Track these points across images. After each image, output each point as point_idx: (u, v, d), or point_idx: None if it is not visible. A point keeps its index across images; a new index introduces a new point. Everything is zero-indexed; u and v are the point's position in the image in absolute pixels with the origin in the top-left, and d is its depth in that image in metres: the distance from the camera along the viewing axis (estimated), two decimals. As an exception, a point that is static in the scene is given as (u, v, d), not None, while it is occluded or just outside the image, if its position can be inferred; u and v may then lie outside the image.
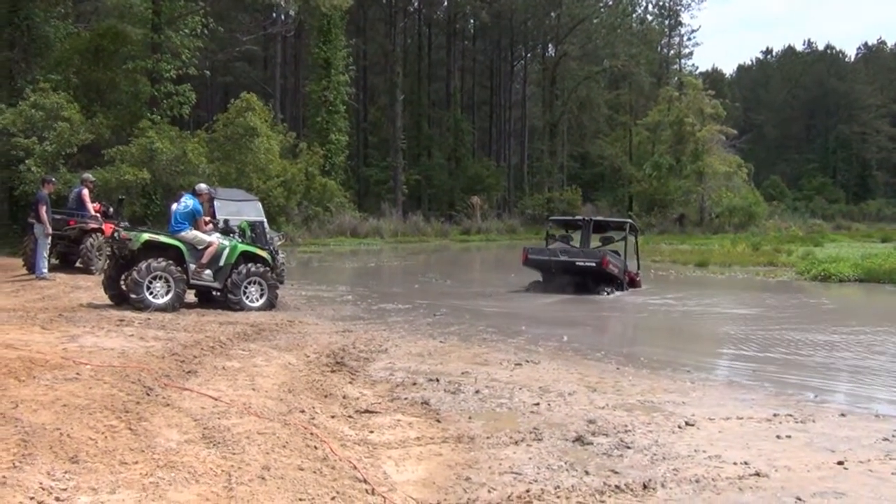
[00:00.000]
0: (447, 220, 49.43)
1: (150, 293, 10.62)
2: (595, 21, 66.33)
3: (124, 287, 10.92)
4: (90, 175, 18.13)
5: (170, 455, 4.36)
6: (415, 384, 6.98)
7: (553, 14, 65.41)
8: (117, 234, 11.16)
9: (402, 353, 8.67)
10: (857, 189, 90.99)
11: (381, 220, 42.51)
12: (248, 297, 11.53)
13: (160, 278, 10.71)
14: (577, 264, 16.38)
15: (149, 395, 5.66)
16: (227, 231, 11.93)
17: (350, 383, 7.01)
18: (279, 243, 14.59)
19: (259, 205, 19.29)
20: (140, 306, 10.44)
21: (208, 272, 11.34)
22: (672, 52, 74.42)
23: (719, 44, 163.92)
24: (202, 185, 12.21)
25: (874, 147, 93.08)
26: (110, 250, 11.71)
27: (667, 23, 71.71)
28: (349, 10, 40.78)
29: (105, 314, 10.04)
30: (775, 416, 6.18)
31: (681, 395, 6.96)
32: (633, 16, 70.14)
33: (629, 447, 5.14)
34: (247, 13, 49.42)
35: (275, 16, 47.28)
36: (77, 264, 16.20)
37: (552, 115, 63.53)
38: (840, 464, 4.87)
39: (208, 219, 12.01)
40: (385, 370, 7.64)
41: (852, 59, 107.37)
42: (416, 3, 64.31)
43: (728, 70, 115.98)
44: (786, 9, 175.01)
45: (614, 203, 60.42)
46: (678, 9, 70.33)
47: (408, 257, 30.93)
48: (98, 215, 16.11)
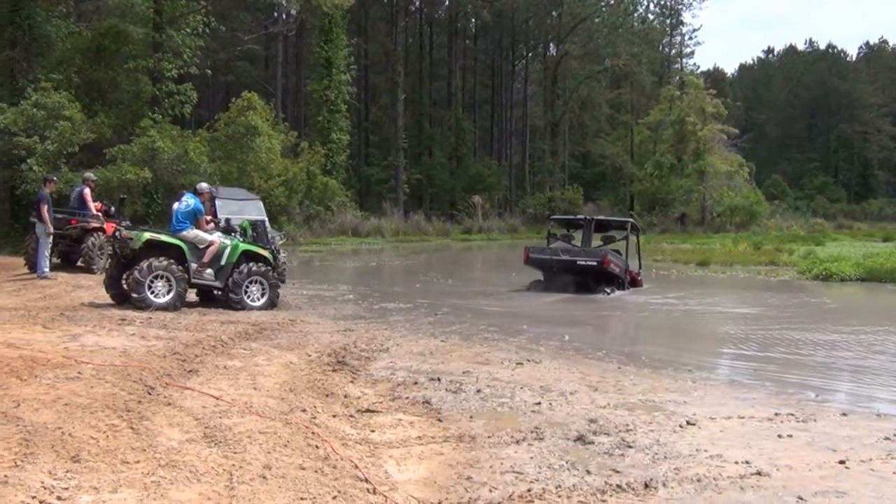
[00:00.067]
0: (448, 220, 49.45)
1: (152, 292, 10.63)
2: (596, 20, 66.39)
3: (126, 286, 10.93)
4: (92, 174, 18.16)
5: (171, 454, 4.37)
6: (416, 383, 6.98)
7: (554, 13, 65.44)
8: (119, 233, 11.17)
9: (403, 353, 8.67)
10: (858, 188, 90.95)
11: (383, 220, 42.53)
12: (249, 297, 11.53)
13: (162, 277, 10.71)
14: (579, 263, 16.36)
15: (150, 394, 5.67)
16: (228, 230, 11.93)
17: (351, 382, 7.00)
18: (280, 242, 14.60)
19: (260, 204, 19.35)
20: (141, 305, 10.45)
21: (210, 271, 11.34)
22: (673, 52, 74.47)
23: (721, 43, 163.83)
24: (203, 185, 12.21)
25: (876, 146, 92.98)
26: (112, 249, 11.72)
27: (668, 22, 71.75)
28: (350, 9, 40.80)
29: (107, 313, 10.05)
30: (777, 415, 6.17)
31: (682, 395, 6.96)
32: (635, 15, 70.25)
33: (631, 446, 5.14)
34: (248, 12, 49.43)
35: (276, 15, 47.30)
36: (78, 263, 16.21)
37: (553, 114, 63.54)
38: (841, 463, 4.86)
39: (210, 218, 12.01)
40: (386, 369, 7.64)
41: (854, 59, 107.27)
42: (418, 3, 64.28)
43: (729, 69, 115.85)
44: (787, 8, 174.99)
45: (616, 202, 60.41)
46: (679, 8, 70.44)
47: (409, 256, 30.92)
48: (99, 214, 16.11)
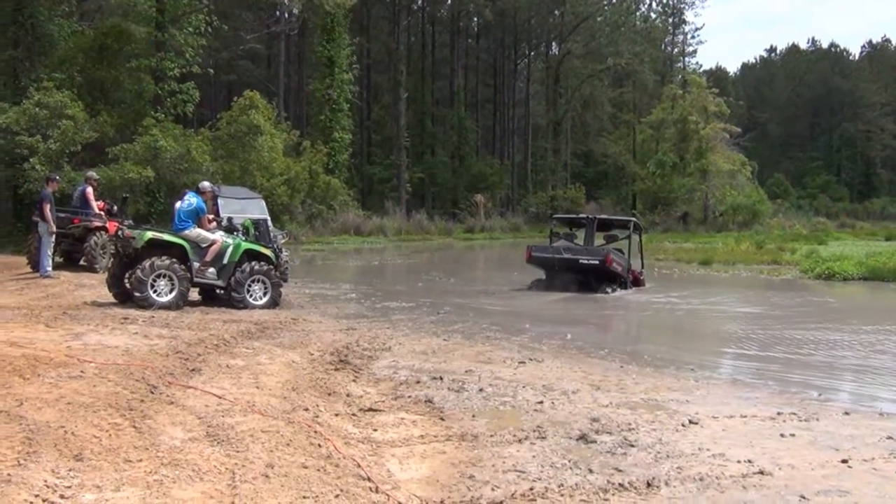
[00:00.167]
0: (451, 219, 49.45)
1: (154, 291, 10.64)
2: (599, 19, 66.39)
3: (128, 285, 10.96)
4: (94, 173, 18.16)
5: (174, 453, 4.37)
6: (418, 382, 6.98)
7: (557, 12, 65.39)
8: (121, 232, 11.17)
9: (405, 352, 8.67)
10: (861, 187, 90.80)
11: (385, 219, 42.54)
12: (251, 296, 11.54)
13: (164, 276, 10.73)
14: (581, 262, 16.36)
15: (153, 393, 5.68)
16: (230, 229, 11.94)
17: (354, 381, 7.01)
18: (283, 241, 14.60)
19: (263, 203, 19.41)
20: (144, 304, 10.46)
21: (212, 270, 11.35)
22: (676, 50, 74.41)
23: (723, 42, 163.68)
24: (206, 183, 12.23)
25: (878, 145, 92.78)
26: (114, 248, 11.74)
27: (670, 21, 71.72)
28: (353, 8, 40.82)
29: (109, 312, 10.06)
30: (779, 414, 6.16)
31: (684, 394, 6.95)
32: (637, 14, 70.27)
33: (633, 445, 5.13)
34: (250, 11, 49.48)
35: (278, 14, 47.30)
36: (81, 262, 16.24)
37: (556, 113, 63.53)
38: (844, 462, 4.86)
39: (212, 217, 12.02)
40: (389, 368, 7.64)
41: (856, 58, 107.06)
42: (420, 2, 64.28)
43: (732, 68, 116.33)
44: (789, 7, 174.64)
45: (618, 201, 60.36)
46: (682, 7, 70.37)
47: (411, 255, 30.92)
48: (102, 213, 16.12)
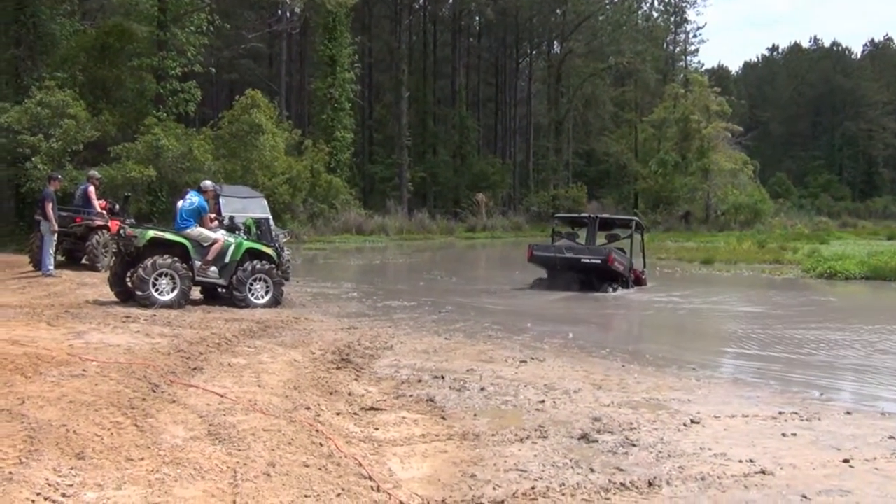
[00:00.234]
0: (452, 218, 49.43)
1: (156, 290, 10.65)
2: (600, 18, 66.33)
3: (130, 284, 10.97)
4: (96, 172, 18.18)
5: (175, 451, 4.38)
6: (420, 381, 6.98)
7: (558, 11, 65.37)
8: (123, 231, 11.18)
9: (407, 350, 8.67)
10: (863, 186, 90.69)
11: (387, 218, 42.53)
12: (253, 294, 11.55)
13: (166, 275, 10.74)
14: (583, 261, 16.35)
15: (154, 391, 5.68)
16: (232, 228, 11.95)
17: (355, 380, 7.01)
18: (284, 240, 14.60)
19: (264, 202, 19.39)
20: (146, 303, 10.48)
21: (214, 269, 11.36)
22: (678, 49, 74.35)
23: (725, 41, 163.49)
24: (208, 182, 12.24)
25: (880, 144, 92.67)
26: (116, 247, 11.75)
27: (672, 20, 71.68)
28: (354, 7, 40.82)
29: (111, 311, 10.07)
30: (781, 413, 6.16)
31: (686, 393, 6.95)
32: (639, 13, 70.20)
33: (634, 445, 5.13)
34: (252, 10, 49.42)
35: (280, 13, 47.25)
36: (83, 261, 16.26)
37: (557, 112, 63.49)
38: (846, 462, 4.85)
39: (214, 216, 12.03)
40: (390, 367, 7.65)
41: (858, 56, 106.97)
42: (422, 1, 64.26)
43: (734, 67, 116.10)
44: (791, 6, 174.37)
45: (620, 200, 60.29)
46: (684, 5, 70.33)
47: (413, 254, 30.92)
48: (104, 212, 16.14)
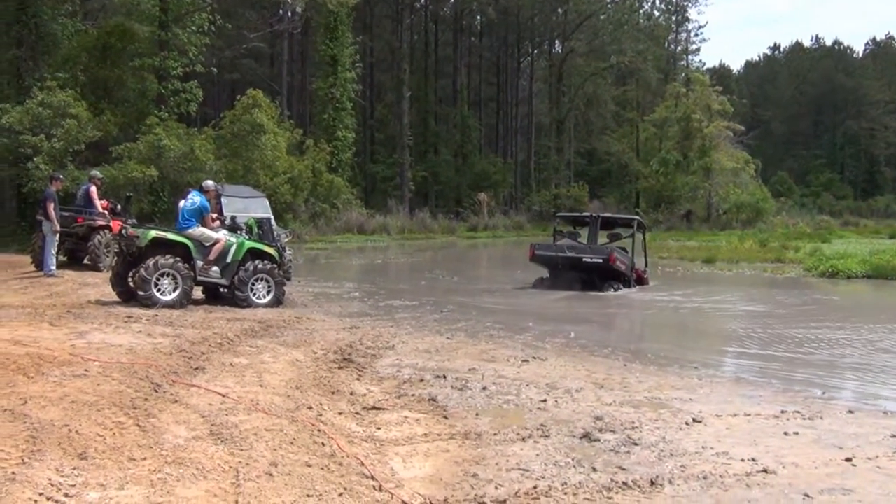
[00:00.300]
0: (454, 217, 49.41)
1: (158, 290, 10.66)
2: (602, 17, 66.30)
3: (132, 284, 10.98)
4: (98, 172, 18.19)
5: (178, 451, 4.38)
6: (422, 381, 6.98)
7: (560, 10, 65.37)
8: (125, 231, 11.19)
9: (409, 350, 8.68)
10: (865, 185, 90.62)
11: (388, 217, 42.52)
12: (255, 294, 11.55)
13: (168, 275, 10.75)
14: (585, 260, 16.35)
15: (157, 391, 5.68)
16: (234, 228, 11.95)
17: (357, 380, 7.02)
18: (286, 240, 14.59)
19: (266, 201, 19.33)
20: (148, 303, 10.48)
21: (216, 269, 11.36)
22: (679, 49, 74.35)
23: (726, 40, 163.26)
24: (209, 182, 12.26)
25: (882, 143, 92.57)
26: (118, 247, 11.75)
27: (674, 19, 71.71)
28: (356, 6, 40.82)
29: (113, 311, 10.07)
30: (783, 412, 6.16)
31: (688, 392, 6.95)
32: (640, 12, 70.15)
33: (636, 444, 5.13)
34: (254, 10, 49.46)
35: (282, 13, 47.27)
36: (85, 261, 16.27)
37: (559, 111, 63.48)
38: (848, 460, 4.85)
39: (216, 216, 12.04)
40: (392, 367, 7.65)
41: (860, 55, 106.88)
42: (423, 0, 64.24)
43: (735, 66, 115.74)
44: (792, 5, 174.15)
45: (621, 199, 60.29)
46: (685, 4, 70.36)
47: (415, 254, 30.93)
48: (106, 212, 16.16)
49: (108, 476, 3.93)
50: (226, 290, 11.69)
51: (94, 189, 16.27)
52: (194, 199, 11.50)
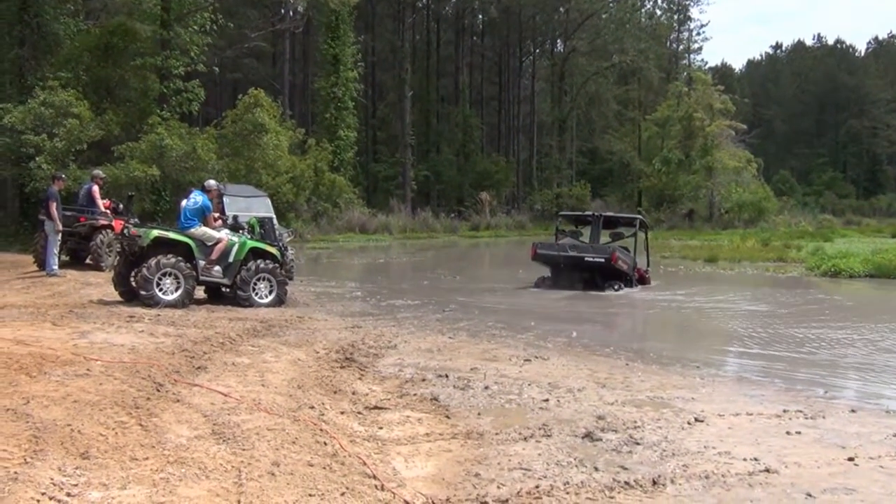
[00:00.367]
0: (456, 216, 49.40)
1: (160, 289, 10.67)
2: (604, 16, 66.22)
3: (134, 283, 10.97)
4: (100, 172, 18.16)
5: (180, 451, 4.38)
6: (424, 380, 6.98)
7: (562, 9, 65.36)
8: (127, 230, 11.19)
9: (411, 349, 8.68)
10: (867, 184, 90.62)
11: (390, 217, 42.54)
12: (257, 294, 11.55)
13: (170, 275, 10.75)
14: (587, 260, 16.34)
15: (159, 391, 5.69)
16: (236, 227, 11.96)
17: (359, 379, 7.02)
18: (288, 239, 14.61)
19: (268, 201, 19.36)
20: (150, 303, 10.49)
21: (218, 268, 11.37)
22: (681, 48, 74.27)
23: (728, 39, 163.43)
24: (211, 182, 12.25)
25: (885, 142, 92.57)
26: (120, 247, 11.76)
27: (676, 18, 71.59)
28: (357, 6, 40.80)
29: (115, 310, 10.08)
30: (785, 412, 6.16)
31: (690, 391, 6.94)
32: (642, 11, 70.07)
33: (638, 443, 5.13)
34: (255, 9, 49.45)
35: (283, 12, 47.30)
36: (87, 261, 16.27)
37: (561, 110, 63.46)
38: (850, 460, 4.85)
39: (218, 215, 12.04)
40: (394, 366, 7.65)
41: (862, 54, 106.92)
42: (425, -1, 64.33)
43: (737, 65, 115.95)
44: (794, 4, 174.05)
45: (623, 199, 60.26)
46: (687, 3, 70.21)
47: (416, 253, 30.93)
48: (108, 212, 16.16)
49: (111, 475, 3.93)
50: (228, 290, 11.70)
51: (96, 188, 16.27)
52: (196, 198, 11.50)
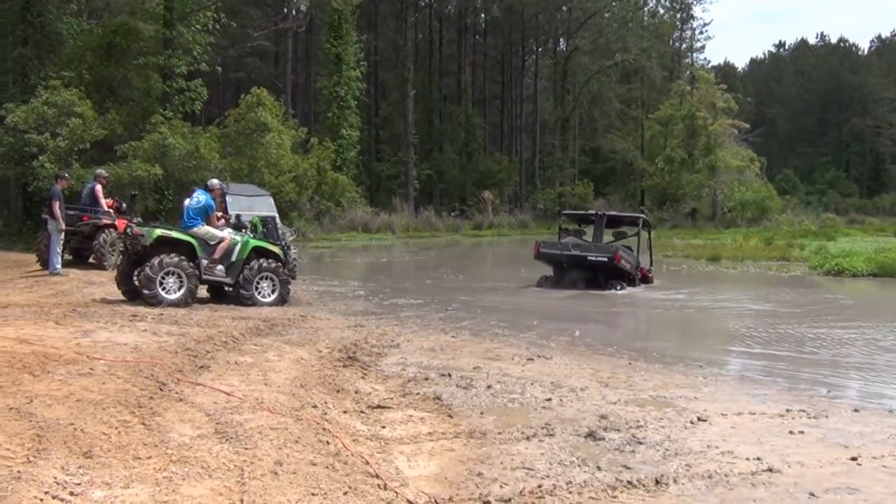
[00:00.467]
0: (458, 215, 49.40)
1: (163, 289, 10.68)
2: (606, 15, 66.13)
3: (137, 282, 10.99)
4: (103, 171, 18.18)
5: (183, 450, 4.38)
6: (427, 379, 6.98)
7: (564, 8, 65.24)
8: (130, 229, 11.20)
9: (413, 348, 8.68)
10: (870, 183, 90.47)
11: (393, 216, 42.54)
12: (260, 293, 11.56)
13: (173, 274, 10.76)
14: (589, 259, 16.33)
15: (162, 390, 5.69)
16: (239, 226, 11.97)
17: (362, 378, 7.02)
18: (291, 238, 14.63)
19: (271, 200, 19.38)
20: (153, 302, 10.49)
21: (220, 267, 11.38)
22: (684, 46, 74.07)
23: (731, 37, 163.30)
24: (214, 181, 12.27)
25: (888, 140, 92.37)
26: (123, 246, 11.76)
27: (678, 16, 71.37)
28: (360, 5, 40.84)
29: (118, 309, 10.09)
30: (788, 411, 6.15)
31: (693, 391, 6.94)
32: (645, 9, 69.87)
33: (641, 443, 5.13)
34: (258, 9, 49.55)
35: (286, 11, 47.36)
36: (90, 260, 16.29)
37: (563, 109, 63.38)
38: (853, 459, 4.84)
39: (220, 214, 12.05)
40: (397, 365, 7.65)
41: (865, 53, 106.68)
42: (427, -2, 64.28)
43: (740, 64, 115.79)
44: (797, 2, 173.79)
45: (626, 198, 60.17)
46: (690, 2, 70.00)
47: (419, 252, 30.94)
48: (111, 211, 16.18)
49: (114, 474, 3.94)
50: (231, 289, 11.70)
51: (99, 188, 16.29)
52: (199, 197, 11.51)
